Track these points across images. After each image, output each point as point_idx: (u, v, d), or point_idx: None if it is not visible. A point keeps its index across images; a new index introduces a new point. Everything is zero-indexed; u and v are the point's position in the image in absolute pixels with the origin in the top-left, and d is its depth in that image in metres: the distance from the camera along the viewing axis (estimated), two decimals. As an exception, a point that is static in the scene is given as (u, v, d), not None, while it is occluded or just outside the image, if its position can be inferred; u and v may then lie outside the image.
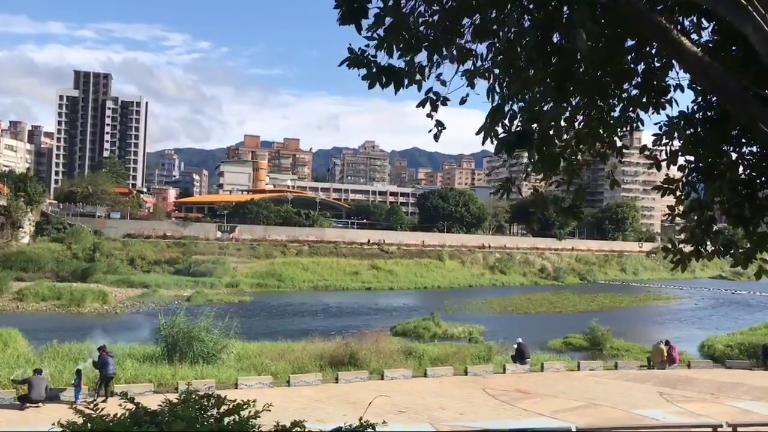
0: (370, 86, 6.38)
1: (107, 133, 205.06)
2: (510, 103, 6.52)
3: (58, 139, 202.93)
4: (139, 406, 4.31)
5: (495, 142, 6.28)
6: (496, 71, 6.68)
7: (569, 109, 6.86)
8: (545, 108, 6.59)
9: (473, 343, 38.24)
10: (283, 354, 27.43)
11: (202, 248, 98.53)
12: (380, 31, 6.18)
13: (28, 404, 19.24)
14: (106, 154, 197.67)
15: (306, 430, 4.26)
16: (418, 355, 28.93)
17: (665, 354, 30.24)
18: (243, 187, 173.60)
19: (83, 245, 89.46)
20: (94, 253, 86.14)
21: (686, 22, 6.79)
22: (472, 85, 6.57)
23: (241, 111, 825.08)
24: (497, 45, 6.57)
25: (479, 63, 6.64)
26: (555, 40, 5.83)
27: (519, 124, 6.35)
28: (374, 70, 6.25)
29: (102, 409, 4.20)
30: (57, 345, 29.41)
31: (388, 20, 6.17)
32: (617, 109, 7.08)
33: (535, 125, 6.34)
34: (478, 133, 6.46)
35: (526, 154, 6.76)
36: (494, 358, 29.98)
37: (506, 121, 6.39)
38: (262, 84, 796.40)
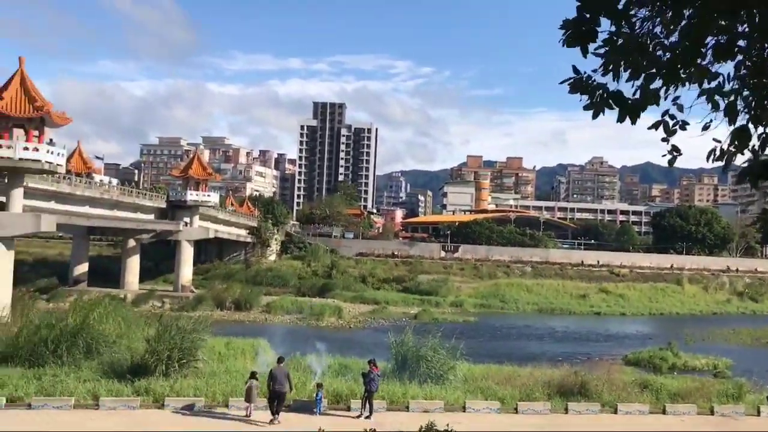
0: (594, 116, 6.16)
1: (342, 158, 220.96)
2: (761, 126, 5.94)
3: (300, 165, 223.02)
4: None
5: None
6: (745, 93, 6.13)
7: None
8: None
9: (719, 378, 34.73)
10: (510, 378, 27.05)
11: (427, 267, 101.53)
12: (606, 52, 5.94)
13: (275, 417, 19.95)
14: (340, 178, 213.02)
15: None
16: (655, 389, 26.78)
17: None
18: (465, 207, 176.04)
19: (321, 263, 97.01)
20: (331, 271, 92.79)
21: None
22: (715, 106, 6.05)
23: (464, 132, 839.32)
24: (745, 63, 6.03)
25: (723, 84, 6.12)
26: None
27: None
28: (601, 96, 6.03)
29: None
30: (300, 357, 31.99)
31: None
32: None
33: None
34: (710, 159, 6.00)
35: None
36: (746, 397, 26.80)
37: (754, 146, 5.82)
38: (483, 104, 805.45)
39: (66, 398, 20.41)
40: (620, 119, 6.08)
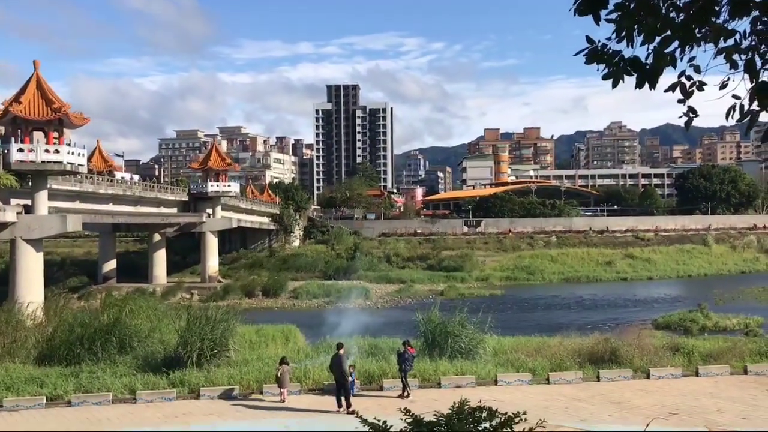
0: (614, 85, 6.10)
1: (359, 140, 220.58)
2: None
3: (317, 150, 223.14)
4: (416, 417, 4.63)
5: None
6: (763, 48, 6.03)
7: None
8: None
9: (751, 336, 34.49)
10: (539, 349, 27.06)
11: (451, 243, 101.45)
12: (617, 17, 5.87)
13: (346, 408, 19.20)
14: (358, 159, 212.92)
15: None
16: (687, 351, 26.65)
17: None
18: (485, 180, 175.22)
19: (345, 245, 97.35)
20: (354, 253, 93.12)
21: None
22: (733, 65, 5.95)
23: (482, 105, 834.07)
24: (761, 18, 5.92)
25: (740, 41, 6.01)
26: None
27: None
28: (618, 64, 5.97)
29: (390, 426, 4.58)
30: (330, 340, 32.30)
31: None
32: None
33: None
34: (729, 116, 5.93)
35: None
36: (779, 354, 26.61)
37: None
38: (498, 76, 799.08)
39: (104, 394, 20.83)
40: (639, 85, 6.01)
